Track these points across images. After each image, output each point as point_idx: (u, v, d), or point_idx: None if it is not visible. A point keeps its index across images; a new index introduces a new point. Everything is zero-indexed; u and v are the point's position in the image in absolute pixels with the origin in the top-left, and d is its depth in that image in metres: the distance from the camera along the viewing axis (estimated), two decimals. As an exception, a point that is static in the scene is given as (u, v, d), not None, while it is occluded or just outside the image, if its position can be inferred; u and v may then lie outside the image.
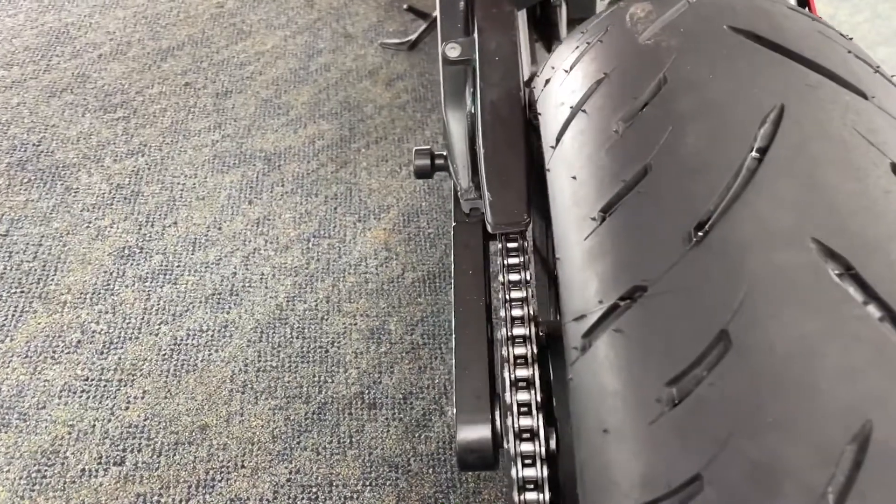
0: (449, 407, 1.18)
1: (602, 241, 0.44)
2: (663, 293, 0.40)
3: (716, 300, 0.38)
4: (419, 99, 1.72)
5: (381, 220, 1.44)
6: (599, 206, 0.45)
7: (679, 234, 0.40)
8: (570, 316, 0.45)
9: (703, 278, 0.39)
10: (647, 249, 0.41)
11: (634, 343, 0.40)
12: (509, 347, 0.67)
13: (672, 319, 0.39)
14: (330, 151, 1.57)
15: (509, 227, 0.71)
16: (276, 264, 1.35)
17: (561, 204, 0.49)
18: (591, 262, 0.44)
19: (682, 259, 0.40)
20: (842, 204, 0.38)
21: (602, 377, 0.42)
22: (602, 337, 0.42)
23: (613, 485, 0.40)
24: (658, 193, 0.42)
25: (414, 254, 1.39)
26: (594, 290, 0.44)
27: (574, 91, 0.53)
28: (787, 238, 0.38)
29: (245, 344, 1.22)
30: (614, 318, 0.42)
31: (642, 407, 0.39)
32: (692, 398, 0.37)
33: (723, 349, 0.37)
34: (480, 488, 1.10)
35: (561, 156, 0.51)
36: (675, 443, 0.38)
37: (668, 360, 0.39)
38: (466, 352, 0.78)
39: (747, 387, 0.36)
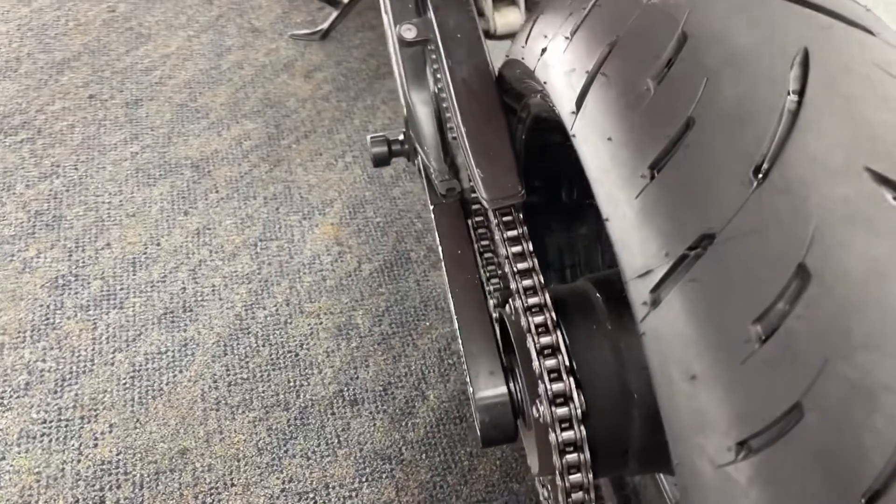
0: (430, 391, 1.18)
1: (656, 196, 0.45)
2: (734, 237, 0.41)
3: (788, 236, 0.40)
4: (341, 88, 1.68)
5: (327, 215, 1.41)
6: (647, 164, 0.46)
7: (738, 180, 0.42)
8: (632, 273, 0.46)
9: (771, 218, 0.41)
10: (707, 198, 0.43)
11: (712, 289, 0.42)
12: (528, 317, 0.67)
13: (747, 261, 0.41)
14: (260, 151, 1.51)
15: (506, 200, 0.72)
16: (227, 274, 1.29)
17: (598, 166, 0.50)
18: (646, 218, 0.45)
19: (747, 202, 0.41)
20: (883, 134, 0.41)
21: (681, 327, 0.43)
22: (674, 289, 0.43)
23: (708, 428, 0.42)
24: (707, 144, 0.44)
25: (366, 245, 1.37)
26: (656, 245, 0.45)
27: (585, 56, 0.54)
28: (841, 170, 0.40)
29: (210, 360, 1.17)
30: (685, 269, 0.43)
31: (731, 349, 0.40)
32: (781, 332, 0.39)
33: (803, 282, 0.39)
34: (475, 465, 1.11)
35: (587, 120, 0.52)
36: (769, 377, 0.39)
37: (751, 301, 0.40)
38: (471, 332, 0.78)
39: (833, 313, 0.38)
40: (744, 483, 0.41)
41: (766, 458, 0.40)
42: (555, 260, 1.04)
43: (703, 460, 0.43)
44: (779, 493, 0.40)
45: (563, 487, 0.66)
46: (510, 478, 1.10)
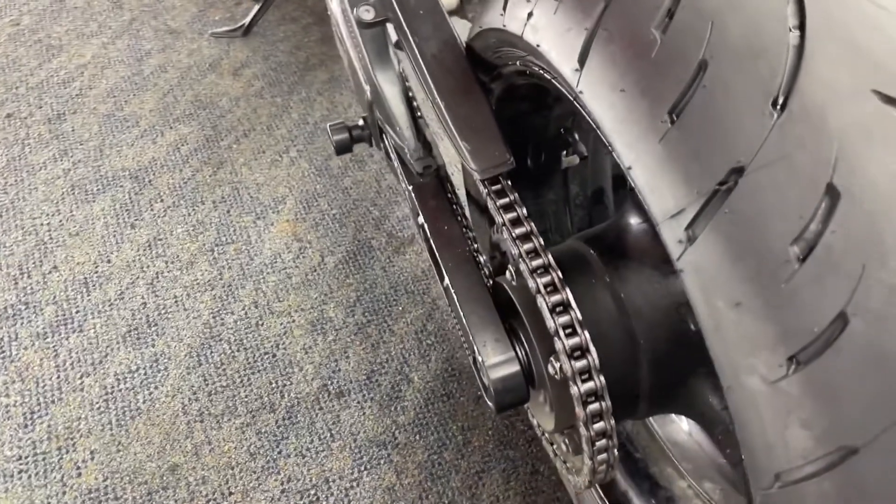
0: (414, 373, 1.18)
1: (680, 139, 0.47)
2: (762, 167, 0.44)
3: (814, 160, 0.43)
4: (273, 84, 1.65)
5: (281, 212, 1.39)
6: (666, 109, 0.48)
7: (759, 113, 0.44)
8: (663, 215, 0.48)
9: (795, 144, 0.43)
10: (732, 134, 0.45)
11: (747, 218, 0.44)
12: (534, 278, 0.69)
13: (778, 188, 0.43)
14: (200, 155, 1.47)
15: (497, 169, 0.73)
16: (187, 283, 1.25)
17: (613, 118, 0.51)
18: (672, 161, 0.48)
19: (770, 133, 0.44)
20: (884, 59, 0.44)
21: (721, 258, 0.45)
22: (710, 223, 0.46)
23: (757, 348, 0.44)
24: (724, 83, 0.46)
25: (326, 238, 1.35)
26: (686, 185, 0.47)
27: (581, 14, 0.55)
28: (852, 94, 0.44)
29: (185, 372, 1.14)
30: (718, 203, 0.45)
31: (772, 271, 0.43)
32: (818, 250, 0.42)
33: (832, 200, 0.42)
34: (469, 438, 1.12)
35: (594, 75, 0.53)
36: (812, 292, 0.42)
37: (786, 224, 0.43)
38: (471, 302, 0.79)
39: (864, 225, 0.41)
40: (797, 395, 0.44)
41: (817, 369, 0.43)
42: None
43: (754, 379, 0.45)
44: (831, 400, 0.43)
45: (588, 437, 0.68)
46: (505, 445, 1.12)
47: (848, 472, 0.43)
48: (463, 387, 1.18)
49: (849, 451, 0.43)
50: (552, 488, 1.09)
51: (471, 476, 1.08)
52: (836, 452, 0.43)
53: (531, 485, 1.09)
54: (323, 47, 1.77)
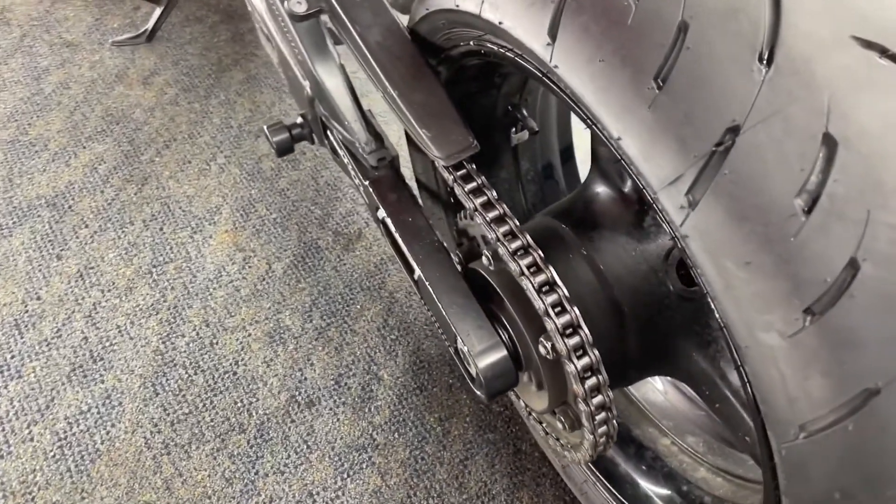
0: (382, 370, 1.16)
1: (669, 103, 0.46)
2: (757, 123, 0.44)
3: (808, 111, 0.43)
4: (188, 89, 1.56)
5: (218, 223, 1.32)
6: (651, 75, 0.47)
7: (747, 69, 0.44)
8: (660, 183, 0.47)
9: (787, 97, 0.43)
10: (722, 93, 0.45)
11: (748, 177, 0.44)
12: (517, 261, 0.67)
13: (776, 143, 0.43)
14: (120, 173, 1.38)
15: (462, 154, 0.71)
16: (128, 310, 1.18)
17: (596, 89, 0.50)
18: (664, 126, 0.47)
19: (761, 88, 0.44)
20: (860, 2, 0.45)
21: (724, 220, 0.45)
22: (711, 186, 0.45)
23: (772, 305, 0.45)
24: (708, 43, 0.45)
25: (270, 244, 1.30)
26: (681, 150, 0.46)
27: (545, -14, 0.53)
28: (833, 42, 0.44)
29: (141, 405, 1.07)
30: (716, 165, 0.45)
31: (779, 226, 0.43)
32: (822, 200, 0.42)
33: (830, 148, 0.42)
34: (448, 428, 1.11)
35: (567, 48, 0.52)
36: (821, 242, 0.42)
37: (788, 178, 0.43)
38: (448, 293, 0.77)
39: (864, 170, 0.42)
40: (815, 345, 0.44)
41: (833, 318, 0.43)
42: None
43: (771, 336, 0.45)
44: (850, 346, 0.43)
45: (588, 412, 0.68)
46: (484, 429, 1.11)
47: (871, 413, 0.44)
48: (434, 377, 1.16)
49: (871, 392, 0.43)
50: (536, 465, 1.09)
51: (455, 465, 1.07)
52: (858, 396, 0.44)
53: (516, 464, 1.08)
54: (235, 46, 1.69)
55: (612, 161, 0.74)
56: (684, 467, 0.91)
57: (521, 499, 1.05)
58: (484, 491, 1.05)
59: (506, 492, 1.06)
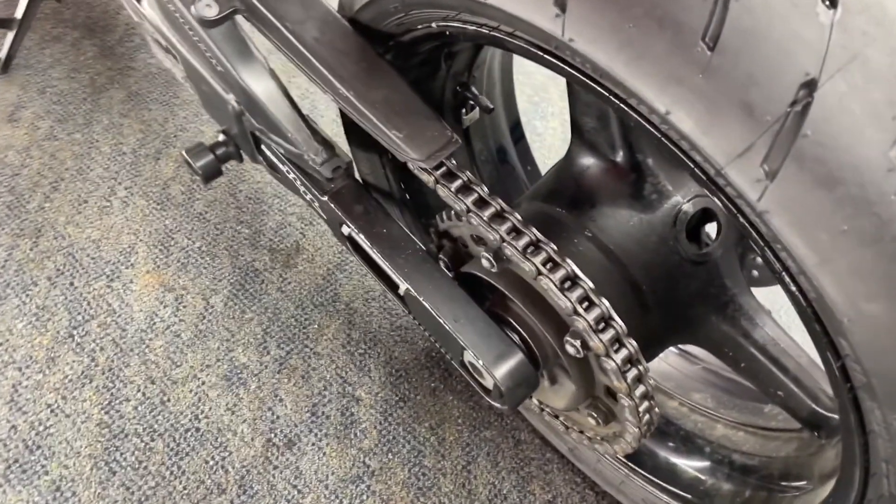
0: (359, 390, 1.07)
1: (726, 64, 0.40)
2: (836, 73, 0.38)
3: (888, 50, 0.38)
4: (63, 119, 1.38)
5: (135, 265, 1.17)
6: (699, 35, 0.41)
7: (812, 12, 0.39)
8: (727, 157, 0.42)
9: (863, 39, 0.38)
10: (788, 45, 0.39)
11: (832, 136, 0.39)
12: (530, 260, 0.61)
13: (860, 92, 0.38)
14: (7, 228, 1.20)
15: (443, 152, 0.63)
16: (56, 384, 1.02)
17: (629, 59, 0.43)
18: (724, 92, 0.41)
19: (832, 33, 0.38)
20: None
21: (811, 187, 0.40)
22: (790, 152, 0.40)
23: (877, 271, 0.40)
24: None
25: (202, 277, 1.17)
26: (748, 116, 0.41)
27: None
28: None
29: (98, 489, 0.94)
30: (793, 127, 0.39)
31: (877, 186, 0.39)
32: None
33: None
34: (442, 436, 1.04)
35: (584, 15, 0.44)
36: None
37: (880, 129, 0.38)
38: (445, 303, 0.70)
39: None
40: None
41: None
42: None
43: (877, 305, 0.41)
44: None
45: (632, 407, 0.63)
46: (479, 428, 1.05)
47: None
48: (414, 384, 1.09)
49: None
50: (540, 452, 1.04)
51: (459, 473, 1.01)
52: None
53: (520, 457, 1.03)
54: (105, 62, 1.51)
55: (598, 130, 0.68)
56: (700, 427, 0.89)
57: (532, 492, 1.01)
58: (494, 493, 1.00)
59: (516, 489, 1.01)
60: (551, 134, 1.56)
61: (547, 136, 1.57)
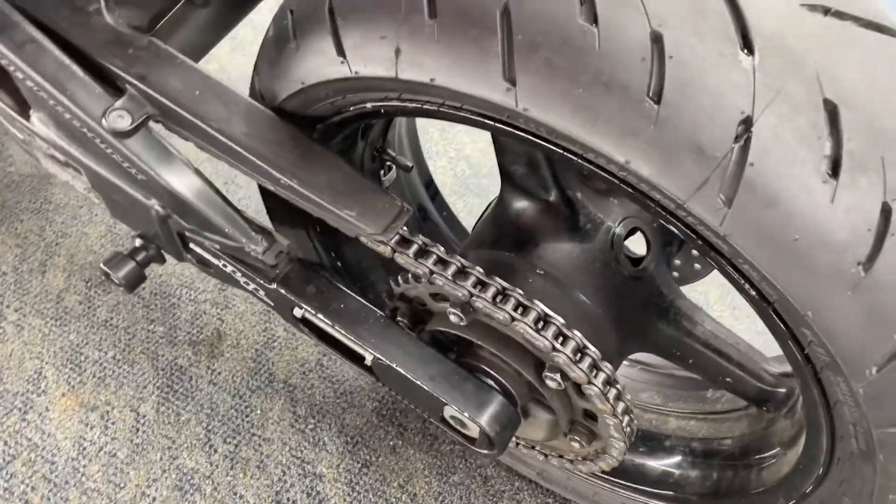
0: (319, 465, 1.05)
1: (673, 114, 0.45)
2: (765, 108, 0.45)
3: (803, 82, 0.45)
4: (-76, 249, 1.25)
5: (48, 390, 1.09)
6: (644, 93, 0.45)
7: (735, 60, 0.45)
8: (688, 192, 0.47)
9: (781, 76, 0.45)
10: (722, 89, 0.45)
11: (773, 160, 0.45)
12: (502, 308, 0.64)
13: (788, 120, 0.45)
14: None
15: (398, 222, 0.65)
16: (-14, 541, 0.93)
17: (584, 120, 0.47)
18: (674, 140, 0.46)
19: (755, 75, 0.45)
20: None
21: (763, 205, 0.46)
22: (741, 180, 0.46)
23: (829, 267, 0.47)
24: (686, 47, 0.45)
25: (124, 388, 1.10)
26: (700, 155, 0.46)
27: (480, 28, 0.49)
28: (790, 14, 0.46)
29: None
30: (740, 159, 0.45)
31: (816, 198, 0.45)
32: (844, 159, 0.44)
33: (833, 112, 0.45)
34: (413, 491, 1.04)
35: (535, 86, 0.48)
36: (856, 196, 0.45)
37: (809, 149, 0.45)
38: (419, 365, 0.72)
39: (866, 121, 0.45)
40: (875, 290, 0.47)
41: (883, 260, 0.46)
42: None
43: (835, 296, 0.48)
44: None
45: (617, 424, 0.68)
46: (446, 474, 1.06)
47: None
48: (373, 447, 1.08)
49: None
50: (508, 483, 1.07)
51: (438, 524, 1.02)
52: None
53: (491, 493, 1.06)
54: (-42, 179, 1.39)
55: (529, 175, 0.73)
56: (655, 424, 0.95)
57: (511, 523, 1.03)
58: (476, 534, 1.01)
59: (495, 524, 1.03)
60: (441, 172, 1.61)
61: (437, 174, 1.62)
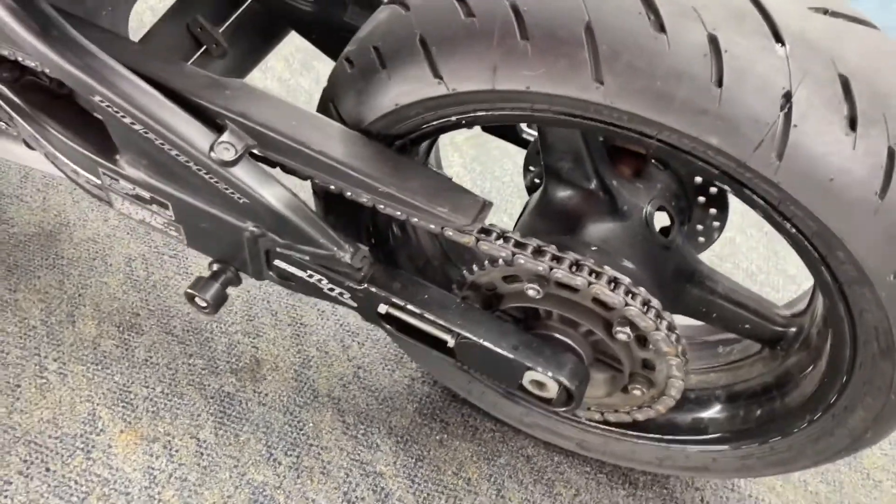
0: (379, 465, 1.13)
1: (733, 95, 0.60)
2: (798, 84, 0.60)
3: (822, 65, 0.60)
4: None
5: (106, 429, 1.13)
6: (709, 80, 0.60)
7: (773, 51, 0.60)
8: (748, 153, 0.61)
9: (807, 61, 0.60)
10: (768, 73, 0.60)
11: (810, 121, 0.60)
12: (580, 276, 0.77)
13: (816, 93, 0.60)
14: (-61, 441, 1.08)
15: (484, 213, 0.76)
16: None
17: (665, 105, 0.61)
18: (735, 112, 0.61)
19: (789, 61, 0.60)
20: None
21: (806, 156, 0.61)
22: (789, 138, 0.60)
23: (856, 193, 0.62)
24: (735, 44, 0.60)
25: (179, 418, 1.16)
26: (756, 124, 0.61)
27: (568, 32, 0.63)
28: (802, 14, 0.62)
29: None
30: (786, 122, 0.60)
31: (842, 146, 0.60)
32: (859, 118, 0.60)
33: (847, 84, 0.60)
34: (468, 476, 1.14)
35: (622, 84, 0.62)
36: (871, 144, 0.60)
37: (835, 113, 0.60)
38: (502, 337, 0.83)
39: (870, 89, 0.61)
40: (890, 213, 0.62)
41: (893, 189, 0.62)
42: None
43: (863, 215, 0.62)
44: None
45: (679, 363, 0.81)
46: (493, 458, 1.16)
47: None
48: (423, 443, 1.18)
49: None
50: (549, 459, 1.18)
51: (496, 501, 1.12)
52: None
53: (535, 469, 1.16)
54: (-35, 243, 1.41)
55: (574, 170, 0.86)
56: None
57: (559, 493, 1.14)
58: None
59: (546, 495, 1.13)
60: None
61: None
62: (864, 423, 0.80)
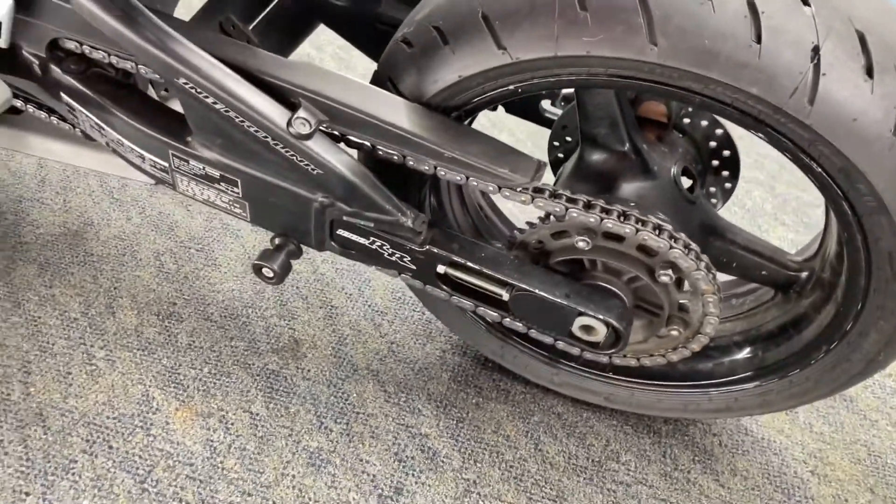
0: (423, 427, 1.20)
1: (771, 49, 0.70)
2: (825, 40, 0.70)
3: (843, 21, 0.71)
4: (-13, 309, 1.30)
5: (161, 408, 1.18)
6: (749, 39, 0.70)
7: (801, 12, 0.70)
8: (784, 99, 0.71)
9: (830, 19, 0.71)
10: (799, 31, 0.70)
11: (836, 70, 0.70)
12: (629, 224, 0.86)
13: (839, 46, 0.70)
14: (4, 425, 1.12)
15: (541, 171, 0.85)
16: (156, 538, 1.01)
17: (710, 59, 0.71)
18: (773, 64, 0.71)
19: (815, 19, 0.70)
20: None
21: (835, 101, 0.71)
22: (819, 86, 0.71)
23: (880, 127, 0.72)
24: (771, 6, 0.70)
25: (230, 395, 1.21)
26: (790, 73, 0.71)
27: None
28: None
29: None
30: (815, 72, 0.70)
31: (864, 90, 0.71)
32: (875, 66, 0.71)
33: (864, 39, 0.71)
34: (507, 433, 1.22)
35: (673, 45, 0.71)
36: (890, 87, 0.71)
37: (854, 61, 0.70)
38: (554, 287, 0.92)
39: (882, 42, 0.71)
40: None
41: None
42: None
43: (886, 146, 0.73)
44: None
45: (716, 301, 0.91)
46: (527, 417, 1.24)
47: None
48: (460, 406, 1.25)
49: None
50: (578, 415, 1.26)
51: (534, 455, 1.20)
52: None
53: (567, 424, 1.25)
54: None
55: (608, 135, 0.95)
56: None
57: (591, 444, 1.23)
58: (568, 457, 1.20)
59: (580, 447, 1.22)
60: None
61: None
62: (878, 346, 0.90)
